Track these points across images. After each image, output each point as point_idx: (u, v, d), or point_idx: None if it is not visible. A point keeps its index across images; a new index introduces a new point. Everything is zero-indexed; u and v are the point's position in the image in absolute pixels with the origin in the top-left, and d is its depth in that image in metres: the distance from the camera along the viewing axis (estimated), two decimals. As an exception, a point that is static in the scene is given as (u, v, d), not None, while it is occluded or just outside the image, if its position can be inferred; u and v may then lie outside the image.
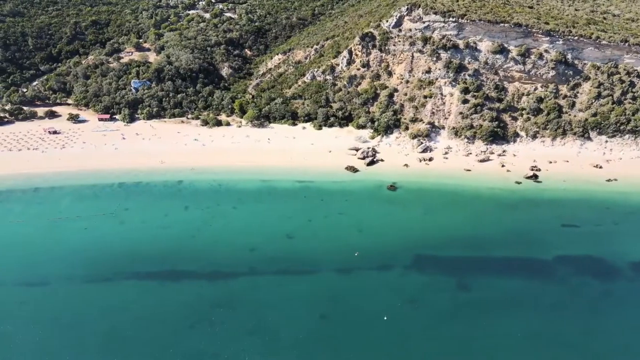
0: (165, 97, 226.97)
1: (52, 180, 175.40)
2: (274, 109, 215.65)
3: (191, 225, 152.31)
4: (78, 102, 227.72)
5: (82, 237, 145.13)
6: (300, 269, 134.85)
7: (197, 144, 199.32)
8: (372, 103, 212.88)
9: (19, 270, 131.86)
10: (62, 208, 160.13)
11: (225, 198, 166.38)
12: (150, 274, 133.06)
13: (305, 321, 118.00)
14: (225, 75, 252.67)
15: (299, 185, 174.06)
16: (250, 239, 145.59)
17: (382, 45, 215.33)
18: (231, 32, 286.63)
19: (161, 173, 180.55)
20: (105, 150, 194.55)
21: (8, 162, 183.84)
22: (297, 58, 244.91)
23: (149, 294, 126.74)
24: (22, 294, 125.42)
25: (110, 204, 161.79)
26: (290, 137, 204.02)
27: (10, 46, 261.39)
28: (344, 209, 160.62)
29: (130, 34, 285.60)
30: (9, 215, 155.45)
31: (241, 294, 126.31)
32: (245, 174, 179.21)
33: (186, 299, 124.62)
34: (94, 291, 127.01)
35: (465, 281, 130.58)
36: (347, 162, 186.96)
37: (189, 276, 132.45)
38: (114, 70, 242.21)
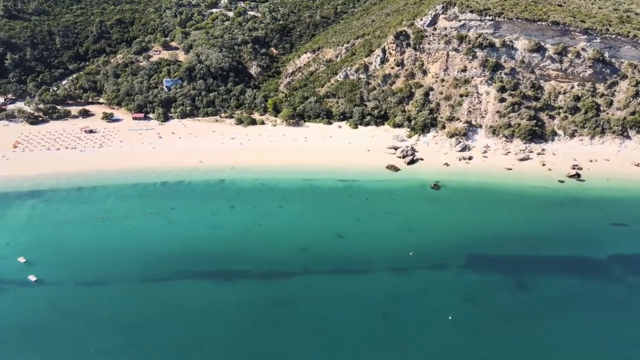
0: (197, 96, 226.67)
1: (94, 179, 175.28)
2: (308, 108, 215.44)
3: (240, 224, 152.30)
4: (110, 101, 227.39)
5: (133, 237, 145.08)
6: (354, 268, 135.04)
7: (234, 143, 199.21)
8: (407, 102, 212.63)
9: (76, 270, 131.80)
10: (109, 207, 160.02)
11: (270, 197, 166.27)
12: (206, 273, 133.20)
13: (368, 320, 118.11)
14: (254, 74, 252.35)
15: (342, 184, 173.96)
16: (301, 238, 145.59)
17: (417, 43, 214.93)
18: (256, 30, 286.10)
19: (202, 172, 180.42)
20: (143, 149, 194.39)
21: (49, 162, 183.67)
22: (327, 56, 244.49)
23: (208, 293, 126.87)
24: (82, 294, 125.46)
25: (156, 203, 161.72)
26: (327, 136, 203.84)
27: (38, 45, 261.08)
28: (390, 208, 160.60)
29: (155, 33, 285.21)
30: (57, 215, 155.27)
31: (300, 294, 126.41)
32: (286, 173, 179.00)
33: (245, 299, 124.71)
34: (153, 291, 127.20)
35: (522, 280, 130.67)
36: (386, 161, 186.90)
37: (245, 276, 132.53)
38: (145, 69, 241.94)
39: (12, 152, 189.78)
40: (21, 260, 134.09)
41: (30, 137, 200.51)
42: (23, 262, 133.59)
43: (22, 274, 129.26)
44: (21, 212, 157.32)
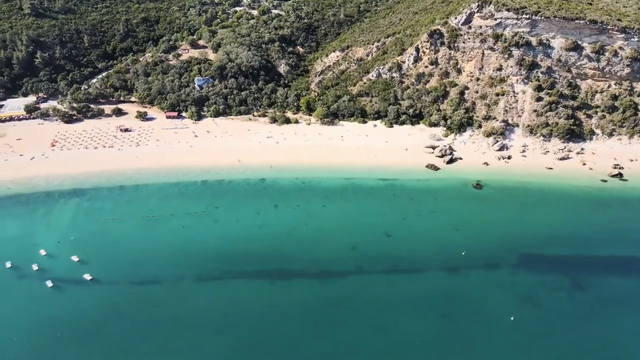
0: (229, 95, 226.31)
1: (135, 178, 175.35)
2: (342, 107, 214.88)
3: (286, 224, 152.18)
4: (142, 100, 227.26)
5: (182, 236, 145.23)
6: (406, 267, 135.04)
7: (271, 142, 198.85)
8: (442, 101, 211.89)
9: (129, 269, 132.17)
10: (153, 206, 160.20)
11: (313, 196, 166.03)
12: (258, 273, 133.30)
13: (428, 320, 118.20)
14: (283, 73, 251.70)
15: (383, 183, 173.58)
16: (349, 237, 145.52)
17: (451, 42, 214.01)
18: (282, 29, 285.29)
19: (241, 171, 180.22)
20: (180, 148, 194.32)
21: (88, 160, 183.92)
22: (357, 55, 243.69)
23: (264, 293, 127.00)
24: (138, 293, 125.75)
25: (200, 202, 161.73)
26: (363, 135, 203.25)
27: (66, 43, 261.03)
28: (435, 207, 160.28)
29: (181, 31, 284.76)
30: (102, 214, 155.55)
31: (356, 293, 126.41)
32: (326, 172, 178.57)
33: (302, 298, 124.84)
34: (208, 290, 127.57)
35: (577, 280, 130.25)
36: (425, 160, 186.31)
37: (298, 275, 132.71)
38: (175, 68, 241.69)
39: (51, 151, 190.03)
40: (74, 259, 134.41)
41: (67, 136, 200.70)
42: (76, 261, 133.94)
43: (77, 273, 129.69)
44: (67, 211, 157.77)
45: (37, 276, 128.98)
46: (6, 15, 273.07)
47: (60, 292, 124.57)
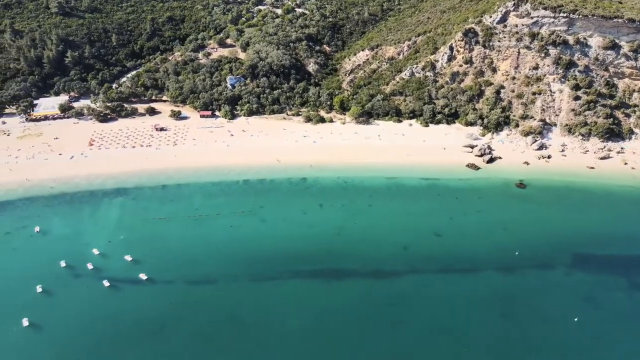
0: (262, 94, 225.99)
1: (176, 177, 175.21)
2: (376, 106, 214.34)
3: (334, 223, 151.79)
4: (175, 99, 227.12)
5: (231, 235, 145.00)
6: (460, 267, 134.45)
7: (308, 141, 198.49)
8: (477, 100, 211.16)
9: (183, 269, 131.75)
10: (198, 205, 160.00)
11: (356, 196, 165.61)
12: (312, 272, 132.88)
13: (488, 320, 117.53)
14: (312, 72, 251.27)
15: (426, 182, 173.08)
16: (399, 237, 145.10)
17: (486, 41, 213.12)
18: (307, 27, 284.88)
19: (281, 170, 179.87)
20: (217, 147, 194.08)
21: (127, 159, 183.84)
22: (388, 54, 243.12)
23: (319, 292, 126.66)
24: (194, 293, 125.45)
25: (244, 202, 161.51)
26: (399, 134, 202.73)
27: (95, 42, 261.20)
28: (480, 207, 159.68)
29: (207, 30, 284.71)
30: (148, 213, 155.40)
31: (412, 293, 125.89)
32: (367, 171, 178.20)
33: (359, 298, 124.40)
34: (264, 290, 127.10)
35: (635, 280, 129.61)
36: (464, 159, 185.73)
37: (352, 275, 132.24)
38: (205, 67, 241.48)
39: (89, 150, 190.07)
40: (128, 258, 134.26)
41: (104, 135, 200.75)
42: (130, 261, 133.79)
43: (133, 273, 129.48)
44: (112, 210, 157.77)
45: (93, 275, 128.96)
46: (33, 14, 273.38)
47: (118, 292, 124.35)
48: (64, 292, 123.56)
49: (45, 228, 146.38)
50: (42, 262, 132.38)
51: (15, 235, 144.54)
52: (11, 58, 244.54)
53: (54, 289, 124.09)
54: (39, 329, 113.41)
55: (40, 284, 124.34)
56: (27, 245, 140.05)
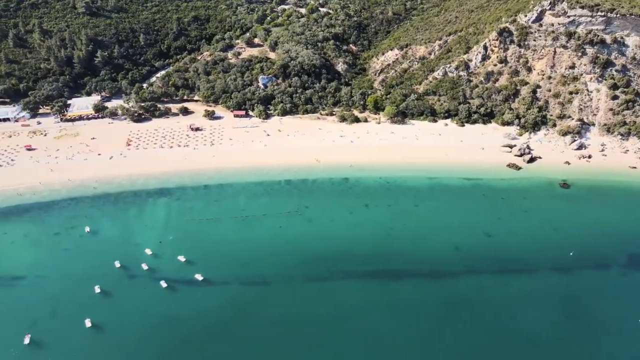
0: (294, 93, 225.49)
1: (217, 177, 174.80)
2: (411, 106, 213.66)
3: (382, 223, 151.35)
4: (207, 99, 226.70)
5: (281, 236, 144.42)
6: (515, 267, 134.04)
7: (345, 141, 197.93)
8: (512, 99, 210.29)
9: (237, 270, 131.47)
10: (243, 206, 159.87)
11: (401, 196, 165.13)
12: (366, 273, 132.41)
13: (552, 321, 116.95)
14: (341, 71, 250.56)
15: (468, 182, 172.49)
16: (450, 237, 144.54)
17: (521, 40, 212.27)
18: (333, 27, 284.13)
19: (322, 170, 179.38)
20: (254, 147, 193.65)
21: (166, 160, 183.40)
22: (419, 54, 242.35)
23: (376, 293, 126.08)
24: (250, 293, 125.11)
25: (289, 202, 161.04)
26: (436, 134, 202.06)
27: (123, 42, 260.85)
28: (527, 207, 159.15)
29: (233, 30, 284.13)
30: (194, 213, 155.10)
31: (471, 293, 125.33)
32: (408, 171, 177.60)
33: (417, 299, 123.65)
34: (320, 290, 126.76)
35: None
36: (504, 159, 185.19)
37: (407, 275, 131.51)
38: (236, 66, 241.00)
39: (127, 150, 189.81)
40: (181, 259, 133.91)
41: (140, 135, 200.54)
42: (183, 261, 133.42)
43: (188, 273, 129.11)
44: (158, 211, 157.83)
45: (148, 276, 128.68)
46: (60, 14, 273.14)
47: (176, 293, 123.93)
48: (122, 293, 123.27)
49: (95, 228, 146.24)
50: (97, 263, 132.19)
51: (65, 236, 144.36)
52: (41, 58, 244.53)
53: (111, 290, 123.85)
54: (102, 329, 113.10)
55: (98, 284, 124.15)
56: (79, 246, 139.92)
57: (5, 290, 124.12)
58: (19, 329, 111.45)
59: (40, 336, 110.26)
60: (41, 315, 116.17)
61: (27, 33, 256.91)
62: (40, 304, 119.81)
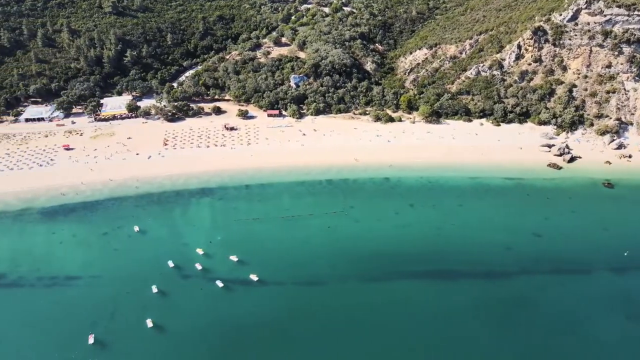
0: (327, 93, 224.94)
1: (257, 177, 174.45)
2: (445, 105, 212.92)
3: (429, 223, 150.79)
4: (238, 98, 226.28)
5: (330, 236, 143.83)
6: (570, 268, 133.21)
7: (381, 140, 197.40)
8: (548, 99, 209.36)
9: (291, 270, 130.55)
10: (287, 206, 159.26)
11: (444, 195, 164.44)
12: (419, 273, 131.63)
13: (613, 321, 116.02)
14: (370, 70, 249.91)
15: (511, 182, 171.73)
16: (499, 237, 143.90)
17: (556, 39, 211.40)
18: (359, 26, 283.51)
19: (362, 170, 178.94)
20: (292, 147, 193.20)
21: (204, 159, 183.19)
22: (449, 53, 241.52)
23: (431, 293, 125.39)
24: (306, 293, 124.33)
25: (333, 202, 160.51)
26: (472, 134, 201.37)
27: (151, 42, 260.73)
28: (573, 207, 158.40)
29: (259, 29, 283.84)
30: (239, 213, 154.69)
31: (530, 293, 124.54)
32: (449, 171, 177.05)
33: (474, 299, 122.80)
34: (377, 291, 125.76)
35: None
36: (543, 159, 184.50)
37: (462, 276, 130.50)
38: (266, 66, 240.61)
39: (165, 150, 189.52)
40: (233, 259, 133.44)
41: (176, 135, 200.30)
42: (236, 261, 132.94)
43: (243, 274, 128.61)
44: (203, 211, 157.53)
45: (202, 276, 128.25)
46: (87, 13, 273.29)
47: (232, 293, 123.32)
48: (179, 293, 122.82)
49: (143, 228, 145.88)
50: (150, 263, 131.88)
51: (113, 236, 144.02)
52: (70, 57, 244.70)
53: (168, 290, 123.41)
54: (164, 330, 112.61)
55: (154, 284, 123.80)
56: (129, 246, 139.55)
57: (61, 290, 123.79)
58: (81, 329, 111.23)
59: (103, 336, 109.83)
60: (101, 316, 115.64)
61: (55, 32, 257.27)
62: (98, 304, 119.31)
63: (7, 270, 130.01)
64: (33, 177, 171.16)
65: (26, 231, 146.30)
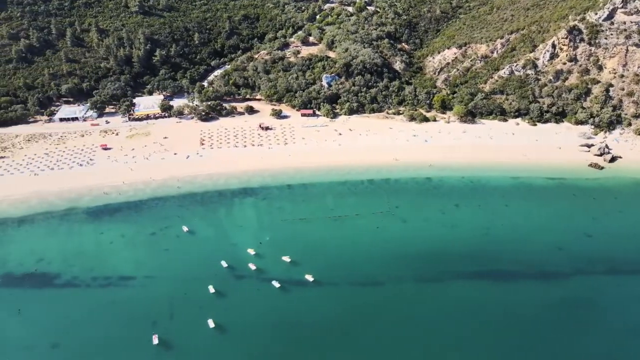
0: (359, 92, 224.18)
1: (298, 177, 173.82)
2: (479, 105, 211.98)
3: (477, 223, 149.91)
4: (270, 98, 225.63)
5: (380, 236, 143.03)
6: (625, 268, 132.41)
7: (418, 140, 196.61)
8: (584, 98, 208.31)
9: (345, 271, 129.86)
10: (332, 206, 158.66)
11: (488, 195, 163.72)
12: (474, 273, 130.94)
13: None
14: (399, 70, 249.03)
15: (553, 182, 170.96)
16: (550, 237, 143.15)
17: (592, 38, 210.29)
18: (384, 25, 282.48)
19: (402, 169, 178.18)
20: (329, 147, 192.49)
21: (243, 159, 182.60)
22: (480, 52, 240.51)
23: (491, 294, 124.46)
24: (363, 294, 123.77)
25: (377, 202, 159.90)
26: (509, 133, 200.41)
27: (178, 41, 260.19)
28: (620, 207, 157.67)
29: (285, 28, 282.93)
30: (285, 214, 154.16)
31: (587, 294, 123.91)
32: (489, 171, 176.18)
33: (532, 299, 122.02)
34: (433, 291, 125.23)
35: None
36: (584, 159, 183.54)
37: (515, 276, 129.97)
38: (297, 65, 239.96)
39: (203, 150, 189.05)
40: (286, 259, 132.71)
41: (212, 134, 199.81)
42: (289, 262, 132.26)
43: (297, 274, 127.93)
44: (248, 211, 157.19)
45: (257, 276, 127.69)
46: (114, 13, 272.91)
47: (290, 294, 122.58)
48: (237, 293, 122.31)
49: (192, 229, 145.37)
50: (204, 263, 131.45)
51: (162, 236, 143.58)
52: (100, 57, 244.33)
53: (225, 290, 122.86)
54: (226, 330, 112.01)
55: (210, 284, 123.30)
56: (178, 246, 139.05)
57: (117, 291, 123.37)
58: (143, 330, 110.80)
59: (166, 336, 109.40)
60: (160, 316, 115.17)
61: (83, 32, 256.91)
62: (155, 304, 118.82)
63: (60, 270, 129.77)
64: (74, 176, 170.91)
65: (74, 231, 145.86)
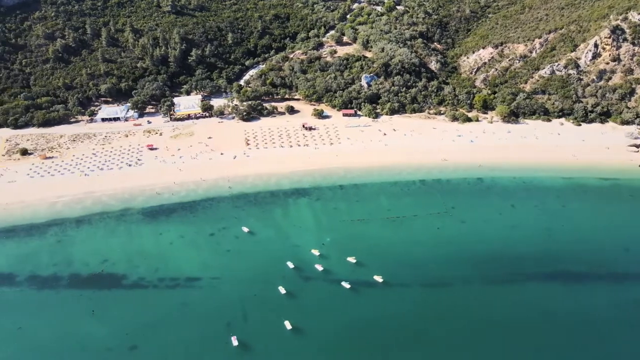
0: (399, 92, 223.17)
1: (349, 177, 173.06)
2: (522, 105, 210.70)
3: (537, 224, 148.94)
4: (309, 98, 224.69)
5: (441, 236, 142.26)
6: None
7: (464, 140, 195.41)
8: (629, 98, 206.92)
9: (413, 272, 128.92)
10: (388, 206, 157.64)
11: (543, 196, 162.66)
12: (542, 275, 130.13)
13: None
14: (435, 70, 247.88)
15: (607, 182, 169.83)
16: (614, 238, 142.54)
17: (635, 38, 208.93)
18: (416, 25, 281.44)
19: (452, 170, 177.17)
20: (375, 147, 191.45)
21: (291, 159, 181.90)
22: (518, 52, 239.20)
23: (562, 295, 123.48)
24: (433, 295, 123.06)
25: (433, 202, 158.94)
26: (554, 134, 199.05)
27: (212, 41, 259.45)
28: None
29: (316, 28, 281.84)
30: (341, 214, 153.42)
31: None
32: (540, 171, 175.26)
33: (604, 300, 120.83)
34: (504, 293, 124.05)
35: None
36: (634, 159, 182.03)
37: (584, 277, 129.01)
38: (334, 65, 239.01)
39: (249, 150, 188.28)
40: (351, 260, 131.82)
41: (256, 134, 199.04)
42: (354, 262, 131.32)
43: (365, 275, 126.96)
44: (304, 211, 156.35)
45: (325, 277, 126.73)
46: (147, 13, 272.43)
47: (360, 295, 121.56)
48: (308, 294, 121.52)
49: (252, 229, 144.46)
50: (270, 264, 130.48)
51: (221, 237, 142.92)
52: (135, 57, 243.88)
53: (296, 291, 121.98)
54: (303, 332, 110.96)
55: (280, 285, 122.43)
56: (240, 247, 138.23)
57: (185, 292, 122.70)
58: (220, 331, 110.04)
59: (244, 338, 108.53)
60: (234, 317, 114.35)
61: (118, 32, 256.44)
62: (227, 305, 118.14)
63: (126, 272, 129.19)
64: (124, 177, 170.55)
65: (132, 232, 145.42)
